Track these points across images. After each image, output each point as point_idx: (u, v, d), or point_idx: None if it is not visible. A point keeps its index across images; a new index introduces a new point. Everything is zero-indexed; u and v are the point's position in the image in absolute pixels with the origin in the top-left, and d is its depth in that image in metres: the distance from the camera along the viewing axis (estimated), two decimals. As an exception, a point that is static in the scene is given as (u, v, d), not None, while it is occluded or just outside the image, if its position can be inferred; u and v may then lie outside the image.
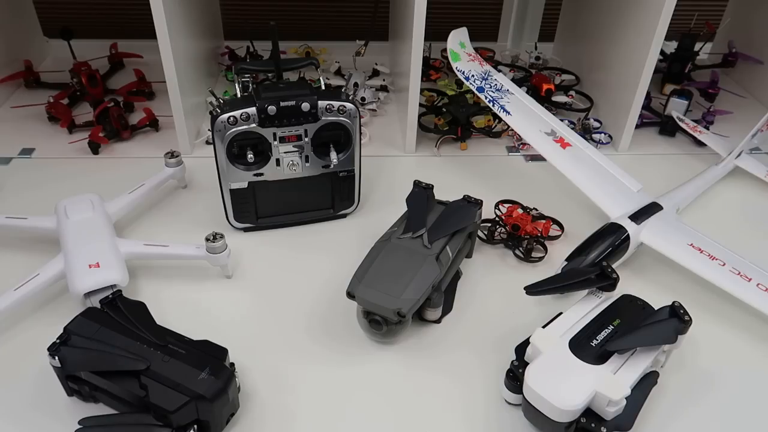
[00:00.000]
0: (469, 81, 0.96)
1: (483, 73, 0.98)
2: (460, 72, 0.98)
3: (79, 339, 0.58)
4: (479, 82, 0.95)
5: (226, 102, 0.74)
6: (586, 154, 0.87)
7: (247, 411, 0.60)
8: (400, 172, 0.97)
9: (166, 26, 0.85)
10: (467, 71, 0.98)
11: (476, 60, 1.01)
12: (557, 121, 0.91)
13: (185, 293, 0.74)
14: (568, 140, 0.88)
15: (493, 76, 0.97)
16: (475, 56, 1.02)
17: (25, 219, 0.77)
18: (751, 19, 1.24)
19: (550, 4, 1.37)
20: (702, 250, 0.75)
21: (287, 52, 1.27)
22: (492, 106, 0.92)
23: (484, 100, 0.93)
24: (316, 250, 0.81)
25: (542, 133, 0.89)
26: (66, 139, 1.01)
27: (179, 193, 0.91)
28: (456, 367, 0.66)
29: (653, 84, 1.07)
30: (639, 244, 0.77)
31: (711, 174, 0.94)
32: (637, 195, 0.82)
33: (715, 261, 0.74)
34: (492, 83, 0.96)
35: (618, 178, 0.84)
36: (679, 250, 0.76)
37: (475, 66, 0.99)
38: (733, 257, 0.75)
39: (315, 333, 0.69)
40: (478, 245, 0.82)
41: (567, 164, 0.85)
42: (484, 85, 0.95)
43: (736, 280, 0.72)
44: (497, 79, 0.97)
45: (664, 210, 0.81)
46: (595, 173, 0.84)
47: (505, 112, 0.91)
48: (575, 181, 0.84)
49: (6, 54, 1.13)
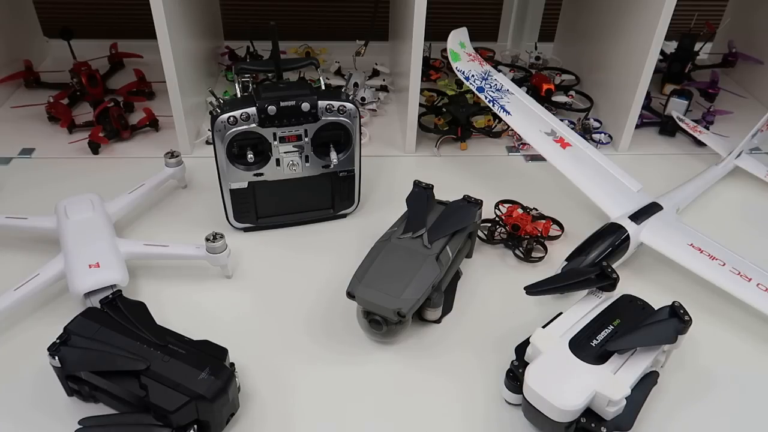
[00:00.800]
0: (469, 81, 0.96)
1: (483, 73, 0.98)
2: (460, 72, 0.98)
3: (79, 339, 0.58)
4: (479, 82, 0.95)
5: (226, 102, 0.74)
6: (586, 154, 0.87)
7: (247, 411, 0.60)
8: (400, 172, 0.97)
9: (166, 26, 0.85)
10: (467, 71, 0.98)
11: (476, 60, 1.01)
12: (557, 121, 0.91)
13: (185, 293, 0.74)
14: (568, 140, 0.88)
15: (493, 76, 0.97)
16: (475, 56, 1.02)
17: (25, 219, 0.77)
18: (751, 19, 1.24)
19: (550, 4, 1.37)
20: (702, 250, 0.75)
21: (287, 52, 1.27)
22: (492, 106, 0.92)
23: (484, 100, 0.93)
24: (316, 251, 0.81)
25: (542, 133, 0.89)
26: (66, 139, 1.01)
27: (179, 193, 0.91)
28: (456, 367, 0.66)
29: (653, 84, 1.07)
30: (639, 244, 0.78)
31: (711, 174, 0.94)
32: (637, 195, 0.82)
33: (715, 261, 0.74)
34: (492, 83, 0.96)
35: (618, 178, 0.84)
36: (679, 250, 0.76)
37: (475, 66, 0.99)
38: (733, 257, 0.74)
39: (315, 333, 0.69)
40: (478, 245, 0.82)
41: (567, 164, 0.85)
42: (484, 85, 0.95)
43: (736, 280, 0.72)
44: (497, 79, 0.97)
45: (664, 210, 0.81)
46: (595, 173, 0.85)
47: (505, 112, 0.91)
48: (575, 181, 0.84)
49: (6, 54, 1.13)
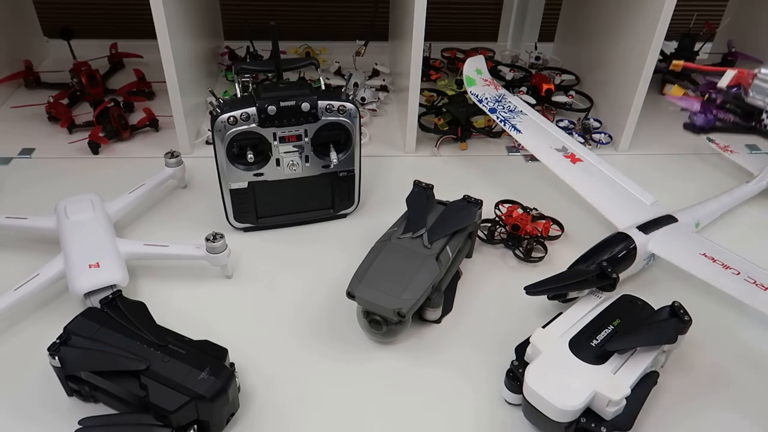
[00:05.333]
0: (482, 103, 0.96)
1: (497, 96, 0.97)
2: (473, 95, 0.98)
3: (79, 339, 0.58)
4: (492, 104, 0.95)
5: (226, 102, 0.74)
6: (598, 169, 0.86)
7: (247, 411, 0.60)
8: (400, 172, 0.97)
9: (166, 26, 0.85)
10: (481, 94, 0.98)
11: (492, 85, 1.01)
12: (568, 137, 0.90)
13: (185, 293, 0.74)
14: (579, 156, 0.87)
15: (506, 99, 0.97)
16: (491, 81, 1.02)
17: (25, 219, 0.77)
18: (751, 19, 1.24)
19: (550, 4, 1.37)
20: (715, 260, 0.71)
21: (287, 52, 1.27)
22: (503, 126, 0.92)
23: (496, 120, 0.93)
24: (316, 251, 0.81)
25: (553, 149, 0.88)
26: (66, 139, 1.01)
27: (179, 193, 0.91)
28: (456, 367, 0.66)
29: (653, 84, 1.07)
30: (650, 256, 0.75)
31: (740, 192, 0.90)
32: (650, 208, 0.80)
33: (729, 270, 0.69)
34: (505, 105, 0.95)
35: (630, 191, 0.83)
36: (689, 258, 0.72)
37: (489, 90, 0.99)
38: (750, 266, 0.70)
39: (315, 333, 0.69)
40: (478, 245, 0.82)
41: (578, 180, 0.84)
42: (497, 106, 0.95)
43: (751, 288, 0.67)
44: (511, 101, 0.97)
45: (679, 222, 0.77)
46: (607, 187, 0.83)
47: (515, 130, 0.91)
48: (586, 196, 0.82)
49: (6, 54, 1.13)
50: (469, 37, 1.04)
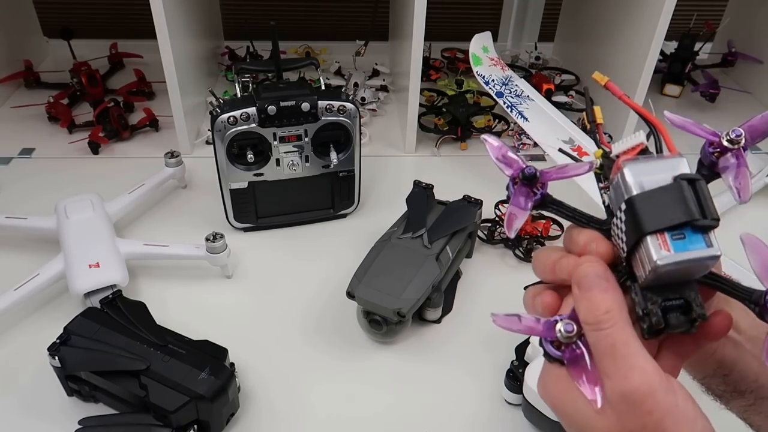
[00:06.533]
0: (488, 86, 0.95)
1: (504, 78, 0.96)
2: (480, 76, 0.96)
3: (79, 339, 0.58)
4: (499, 87, 0.94)
5: (226, 102, 0.74)
6: None
7: (247, 411, 0.61)
8: (400, 172, 0.97)
9: (166, 26, 0.85)
10: (487, 76, 0.96)
11: (498, 65, 0.99)
12: (575, 127, 0.89)
13: (185, 293, 0.74)
14: (586, 149, 0.86)
15: (513, 82, 0.96)
16: (498, 60, 1.01)
17: (25, 219, 0.77)
18: (751, 19, 1.24)
19: (550, 4, 1.37)
20: None
21: (287, 52, 1.27)
22: (510, 112, 0.91)
23: (503, 105, 0.92)
24: (316, 250, 0.81)
25: (560, 141, 0.87)
26: (66, 139, 1.01)
27: (179, 193, 0.91)
28: (456, 367, 0.66)
29: (653, 84, 1.07)
30: None
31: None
32: None
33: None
34: (512, 89, 0.94)
35: None
36: None
37: (496, 71, 0.97)
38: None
39: (315, 333, 0.69)
40: (478, 245, 0.82)
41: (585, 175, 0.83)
42: (504, 90, 0.94)
43: None
44: (518, 84, 0.96)
45: None
46: None
47: (522, 118, 0.89)
48: (590, 192, 0.81)
49: (6, 54, 1.12)
50: (469, 37, 1.04)
